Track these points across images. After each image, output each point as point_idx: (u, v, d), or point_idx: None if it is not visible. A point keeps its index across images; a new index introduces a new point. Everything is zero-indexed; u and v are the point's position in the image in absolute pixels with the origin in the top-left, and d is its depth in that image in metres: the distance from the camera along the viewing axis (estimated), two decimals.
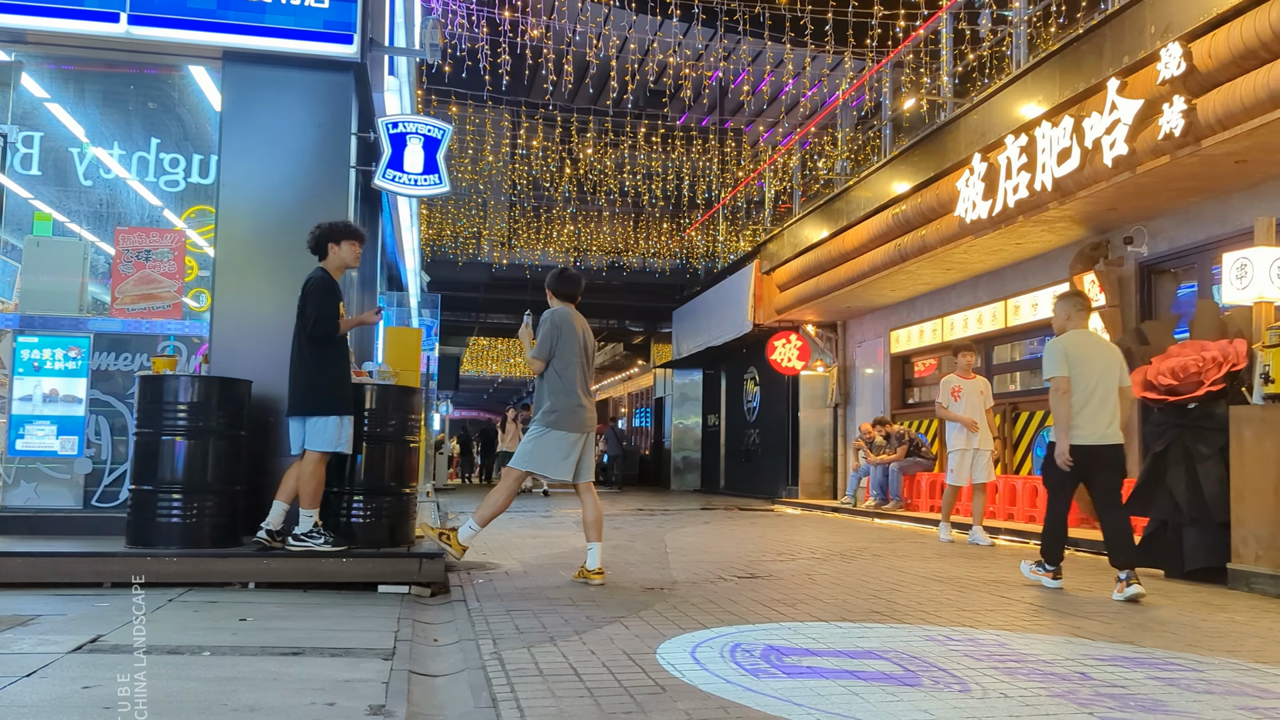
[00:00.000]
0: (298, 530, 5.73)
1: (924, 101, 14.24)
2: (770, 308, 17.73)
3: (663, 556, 8.07)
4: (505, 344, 37.90)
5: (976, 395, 9.82)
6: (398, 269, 14.95)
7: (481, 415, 56.79)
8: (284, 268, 6.43)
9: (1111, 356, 6.48)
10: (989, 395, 9.96)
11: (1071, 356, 6.34)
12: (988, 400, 9.91)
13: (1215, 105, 7.55)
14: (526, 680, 3.63)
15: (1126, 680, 3.76)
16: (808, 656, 4.10)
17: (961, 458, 9.70)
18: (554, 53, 16.63)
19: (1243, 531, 6.52)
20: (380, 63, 7.66)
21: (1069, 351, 6.36)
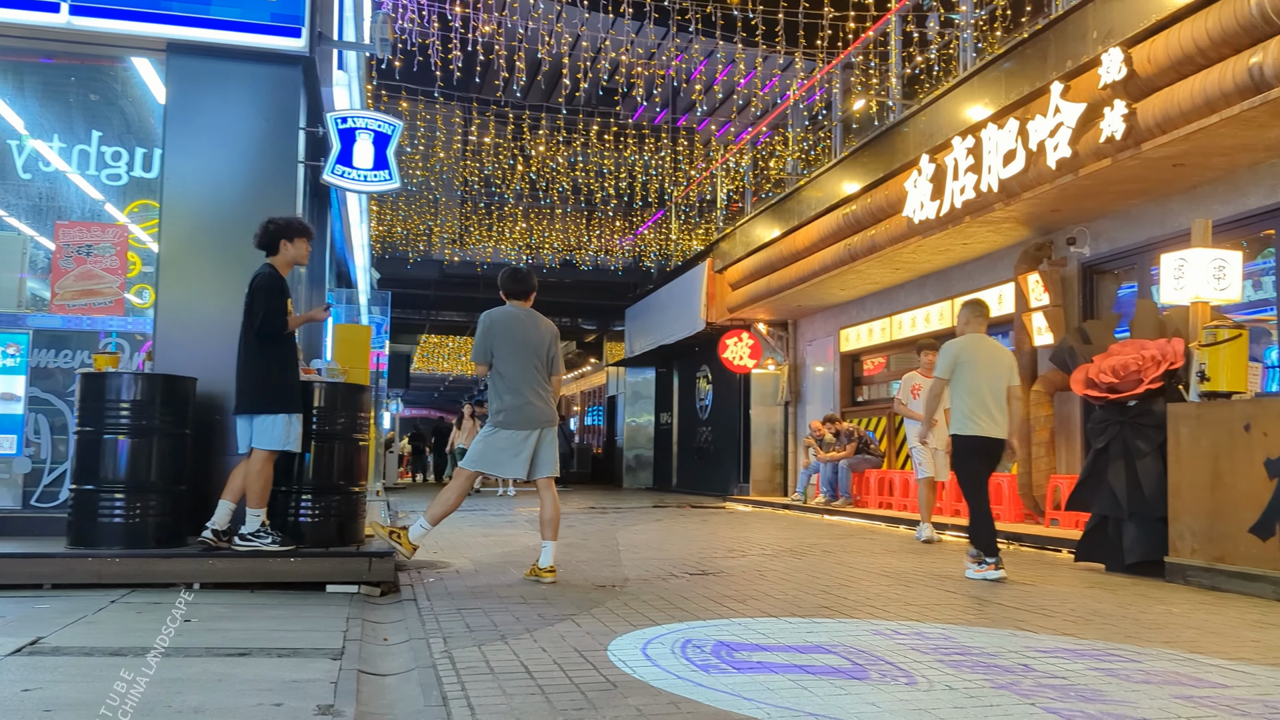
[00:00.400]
0: (244, 530, 5.66)
1: (873, 103, 14.39)
2: (722, 306, 17.82)
3: (615, 554, 8.08)
4: (456, 342, 37.69)
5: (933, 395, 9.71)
6: (347, 266, 14.80)
7: (433, 414, 56.38)
8: (230, 264, 6.33)
9: (1002, 360, 7.06)
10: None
11: (961, 359, 6.94)
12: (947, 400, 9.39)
13: (1154, 110, 7.73)
14: (477, 678, 3.63)
15: (1067, 671, 3.84)
16: (758, 651, 4.13)
17: (922, 452, 9.54)
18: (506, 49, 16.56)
19: (1179, 526, 6.69)
20: (329, 57, 7.59)
21: (959, 355, 6.95)
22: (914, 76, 13.54)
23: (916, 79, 13.58)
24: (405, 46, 15.19)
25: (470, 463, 6.37)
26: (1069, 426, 10.54)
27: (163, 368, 6.22)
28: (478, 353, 6.35)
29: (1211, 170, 8.53)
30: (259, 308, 5.70)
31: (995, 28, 11.99)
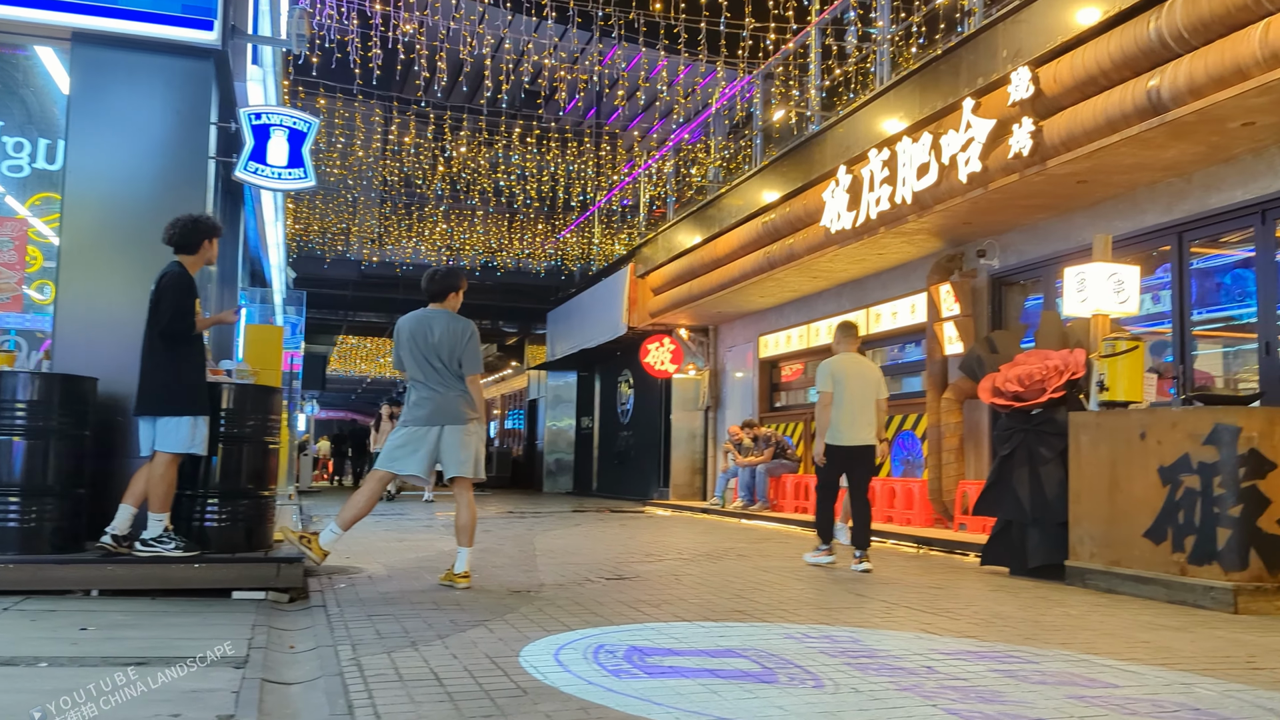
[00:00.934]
0: (146, 535, 5.50)
1: (793, 113, 14.61)
2: (644, 311, 17.89)
3: (531, 559, 8.05)
4: (375, 343, 37.15)
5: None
6: (261, 264, 14.49)
7: (349, 416, 55.43)
8: (135, 260, 6.15)
9: (870, 375, 7.94)
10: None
11: (836, 375, 7.80)
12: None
13: (1060, 128, 7.99)
14: (385, 686, 3.58)
15: (969, 673, 3.95)
16: (670, 656, 4.16)
17: None
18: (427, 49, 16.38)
19: (1079, 531, 6.91)
20: (243, 51, 7.41)
21: (834, 371, 7.82)
22: (833, 88, 13.79)
23: (835, 91, 13.83)
24: (324, 43, 14.94)
25: (379, 462, 6.32)
26: (977, 433, 10.82)
27: (62, 367, 6.01)
28: (395, 359, 6.45)
29: (1112, 188, 8.85)
30: (166, 307, 5.54)
31: (910, 44, 12.27)
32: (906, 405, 12.37)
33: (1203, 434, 6.00)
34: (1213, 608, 5.78)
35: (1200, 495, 5.99)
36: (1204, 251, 8.70)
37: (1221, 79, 6.70)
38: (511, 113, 22.71)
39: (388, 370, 39.80)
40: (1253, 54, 6.45)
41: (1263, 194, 7.83)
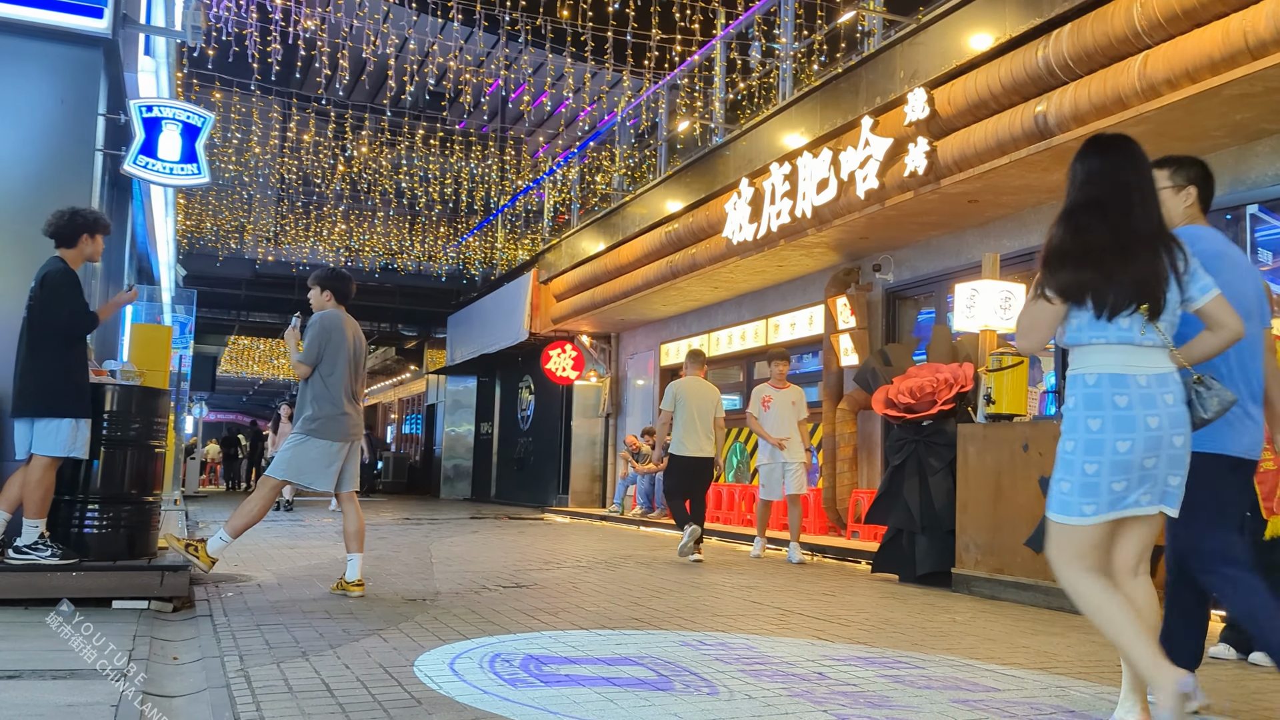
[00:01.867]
0: (20, 542, 5.25)
1: (697, 125, 14.78)
2: (547, 317, 17.85)
3: (427, 567, 7.95)
4: (268, 344, 36.19)
5: (788, 406, 9.09)
6: (149, 261, 13.99)
7: (241, 418, 53.86)
8: (13, 254, 5.90)
9: (709, 396, 9.12)
10: (802, 405, 9.23)
11: (679, 395, 9.02)
12: (800, 411, 9.18)
13: (953, 148, 8.27)
14: (274, 697, 3.49)
15: (858, 679, 4.05)
16: (566, 665, 4.16)
17: (769, 472, 9.13)
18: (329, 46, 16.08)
19: (965, 539, 7.15)
20: (135, 41, 7.17)
21: (678, 393, 9.05)
22: (736, 102, 14.00)
23: (739, 104, 14.04)
24: (220, 35, 14.53)
25: (278, 471, 6.11)
26: (870, 444, 11.09)
27: None
28: (310, 354, 6.06)
29: (1002, 207, 9.19)
30: (62, 306, 5.30)
31: (813, 61, 12.54)
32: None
33: None
34: None
35: None
36: None
37: (1103, 107, 7.02)
38: (415, 114, 22.42)
39: (281, 372, 38.83)
40: (1132, 85, 6.78)
41: None
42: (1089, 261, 3.02)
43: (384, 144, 22.60)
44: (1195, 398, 3.06)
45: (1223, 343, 3.11)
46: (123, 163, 6.74)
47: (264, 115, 21.85)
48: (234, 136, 20.60)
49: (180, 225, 19.57)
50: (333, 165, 23.63)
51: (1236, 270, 3.46)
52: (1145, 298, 2.99)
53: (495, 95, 21.60)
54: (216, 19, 14.23)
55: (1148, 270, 3.00)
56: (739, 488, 13.11)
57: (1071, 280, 3.03)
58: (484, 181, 24.24)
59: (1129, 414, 2.95)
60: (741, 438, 13.93)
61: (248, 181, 24.10)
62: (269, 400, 51.72)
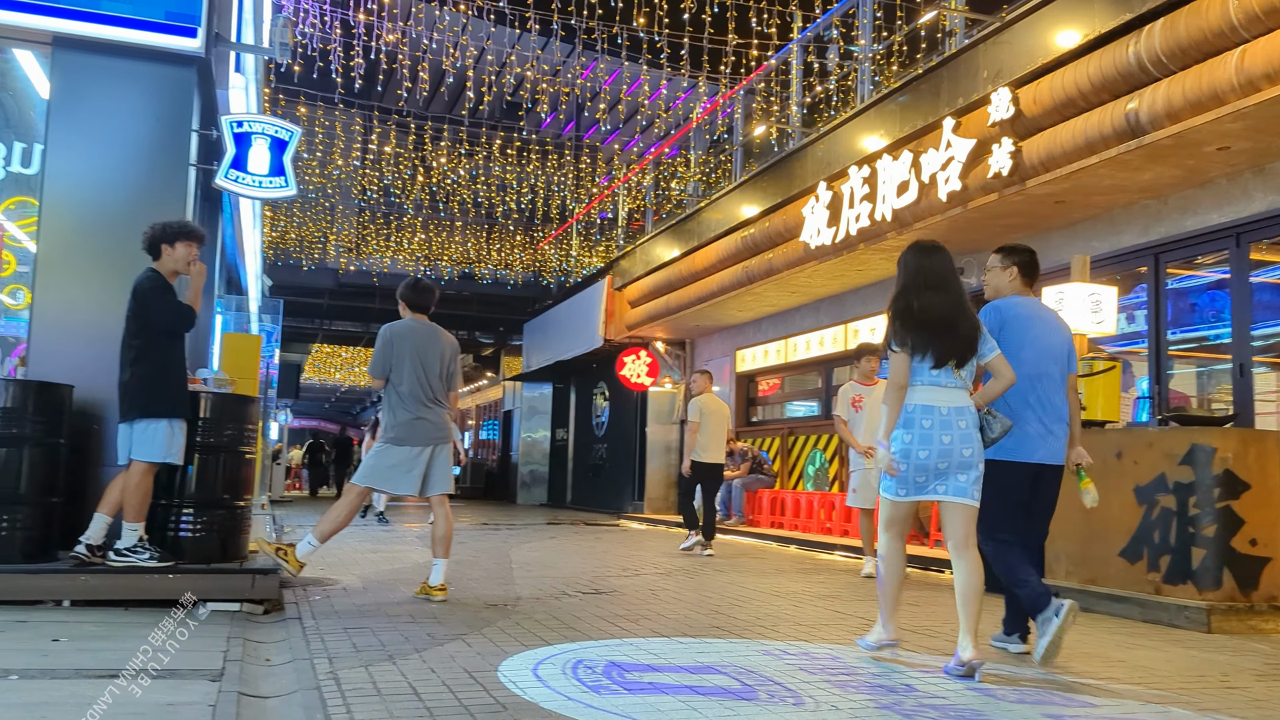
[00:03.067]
0: (120, 545, 5.42)
1: (774, 129, 14.69)
2: (621, 324, 17.89)
3: (507, 572, 8.01)
4: (350, 352, 36.95)
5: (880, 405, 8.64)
6: (238, 272, 14.39)
7: (324, 425, 55.05)
8: (113, 267, 6.09)
9: (724, 410, 10.61)
10: None
11: (703, 410, 10.31)
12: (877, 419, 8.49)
13: (1039, 149, 8.08)
14: (364, 700, 3.55)
15: (948, 692, 3.96)
16: (649, 672, 4.15)
17: (864, 477, 8.33)
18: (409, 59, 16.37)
19: (1054, 549, 6.94)
20: (226, 59, 7.38)
21: (702, 407, 10.34)
22: (814, 105, 13.89)
23: (816, 108, 13.92)
24: (306, 52, 14.89)
25: (361, 479, 6.24)
26: None
27: (37, 374, 5.93)
28: (375, 366, 6.25)
29: (1091, 208, 8.95)
30: (154, 309, 5.49)
31: (892, 62, 12.37)
32: None
33: (1179, 454, 6.06)
34: (1187, 627, 5.83)
35: (1176, 515, 6.05)
36: (1179, 272, 8.81)
37: (1198, 104, 6.79)
38: (492, 124, 22.69)
39: (362, 379, 39.57)
40: (1229, 80, 6.55)
41: (1237, 218, 7.94)
42: (925, 329, 4.38)
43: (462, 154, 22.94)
44: (985, 424, 4.46)
45: (1003, 386, 4.55)
46: (214, 177, 6.93)
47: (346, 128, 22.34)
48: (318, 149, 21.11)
49: (266, 237, 20.09)
50: (412, 176, 24.05)
51: (1046, 328, 5.00)
52: (955, 355, 4.39)
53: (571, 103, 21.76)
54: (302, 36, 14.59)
55: (964, 337, 4.41)
56: (818, 495, 12.97)
57: (915, 341, 4.38)
58: (559, 189, 24.44)
59: (930, 433, 4.34)
60: (820, 444, 13.78)
61: (331, 193, 24.66)
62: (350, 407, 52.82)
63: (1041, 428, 4.86)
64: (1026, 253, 5.15)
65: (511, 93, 22.26)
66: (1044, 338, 4.95)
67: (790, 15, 14.27)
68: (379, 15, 15.19)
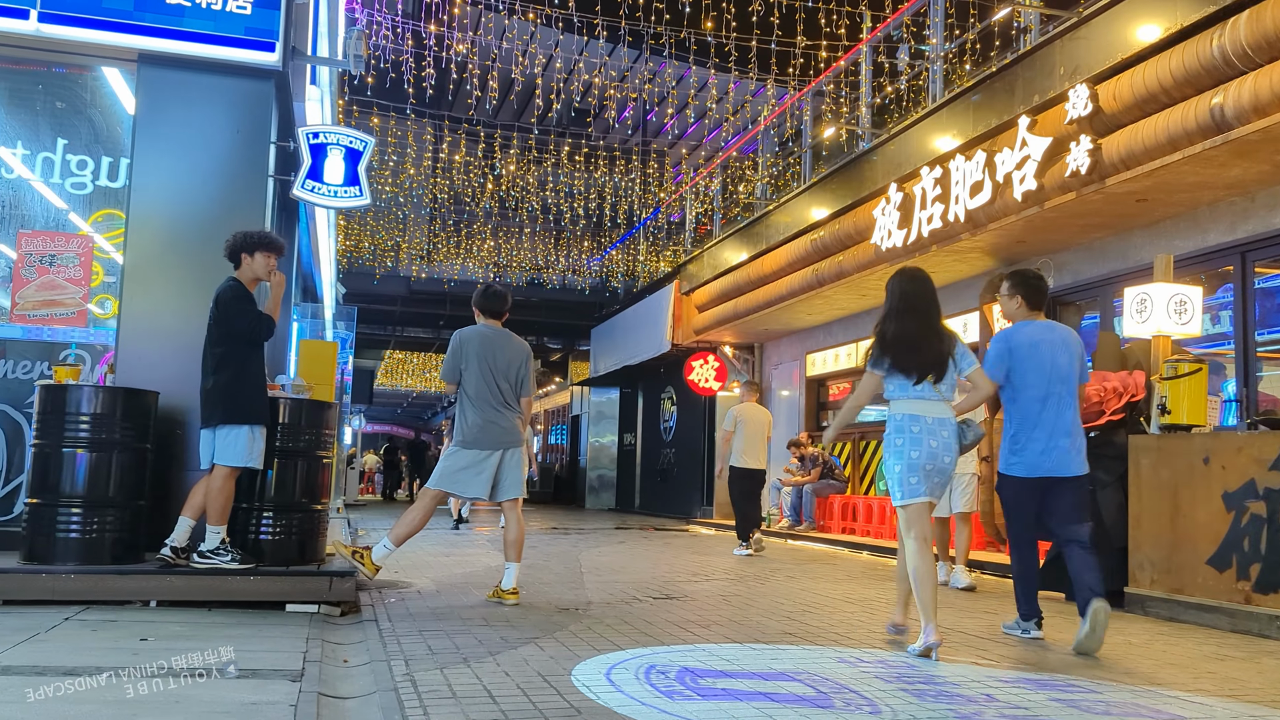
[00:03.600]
0: (203, 547, 5.57)
1: (843, 130, 14.55)
2: (689, 328, 17.86)
3: (578, 576, 8.04)
4: (421, 358, 37.46)
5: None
6: (313, 280, 14.68)
7: (396, 430, 55.92)
8: (196, 276, 6.26)
9: (762, 418, 11.04)
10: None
11: (739, 418, 10.90)
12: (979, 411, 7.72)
13: (1119, 146, 7.87)
14: (440, 702, 3.59)
15: (1029, 702, 3.87)
16: (722, 679, 4.12)
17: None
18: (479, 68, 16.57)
19: (1139, 557, 6.76)
20: (302, 71, 7.55)
21: (737, 416, 10.95)
22: (884, 106, 13.72)
23: (886, 108, 13.75)
24: (378, 63, 15.17)
25: (434, 482, 6.32)
26: None
27: (124, 381, 6.12)
28: (447, 371, 6.33)
29: (1174, 206, 8.69)
30: (234, 318, 5.64)
31: (964, 61, 12.18)
32: None
33: (1269, 459, 5.85)
34: (1279, 638, 5.62)
35: (1266, 522, 5.84)
36: (1268, 271, 8.50)
37: None
38: (560, 130, 22.86)
39: (433, 385, 40.12)
40: None
41: None
42: (901, 349, 4.94)
43: (531, 161, 23.14)
44: (960, 432, 4.99)
45: (981, 396, 5.25)
46: (291, 187, 7.08)
47: (417, 137, 22.70)
48: (390, 159, 21.47)
49: (340, 245, 20.50)
50: (482, 184, 24.33)
51: (1053, 348, 5.39)
52: (930, 371, 4.94)
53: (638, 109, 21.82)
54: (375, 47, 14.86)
55: (935, 355, 4.95)
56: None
57: (894, 360, 4.95)
58: (627, 195, 24.51)
59: (919, 437, 4.89)
60: None
61: (402, 202, 25.06)
62: (422, 412, 53.57)
63: (1044, 445, 5.35)
64: (1032, 280, 5.59)
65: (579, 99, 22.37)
66: (1050, 359, 5.37)
67: (860, 15, 14.12)
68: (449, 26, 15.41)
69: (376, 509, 21.40)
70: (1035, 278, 5.57)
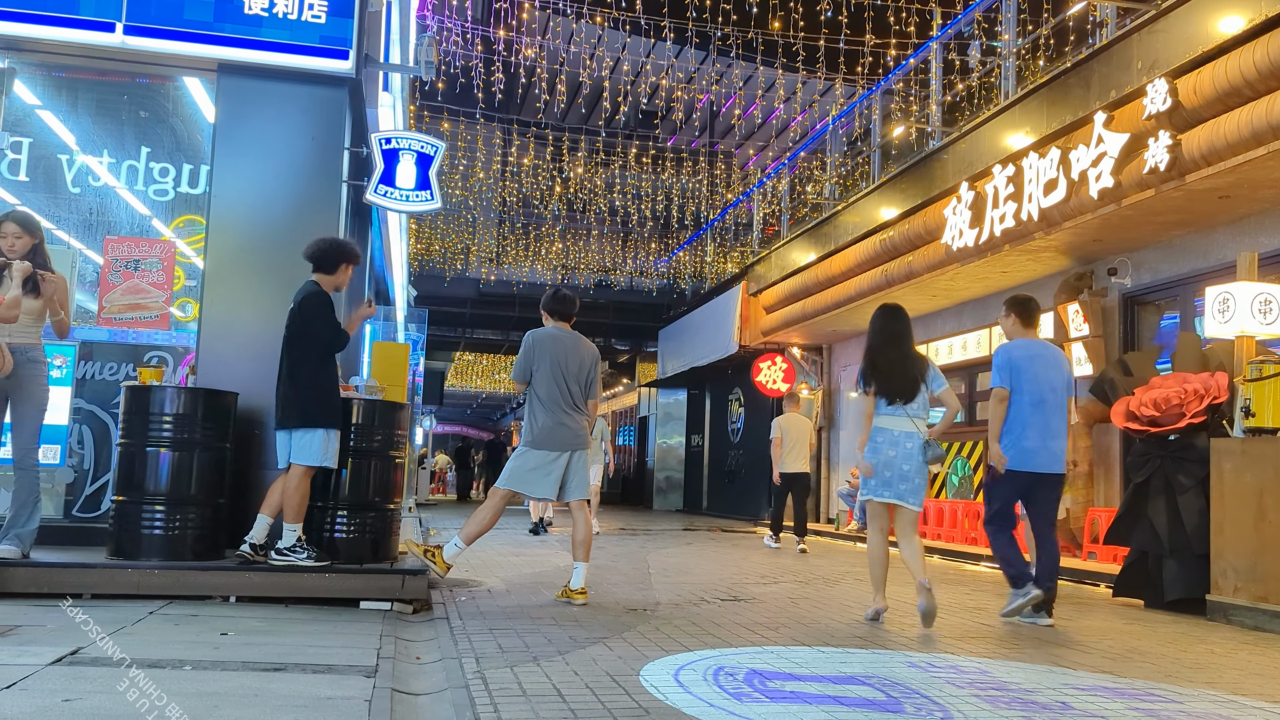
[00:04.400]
0: (281, 544, 5.70)
1: (913, 129, 14.36)
2: (756, 329, 17.79)
3: (645, 577, 8.06)
4: (490, 359, 37.85)
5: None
6: (385, 283, 14.94)
7: (465, 430, 56.57)
8: (273, 280, 6.42)
9: (805, 426, 12.07)
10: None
11: (783, 427, 11.91)
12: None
13: (1200, 141, 7.65)
14: (510, 700, 3.63)
15: (1107, 710, 3.78)
16: (791, 681, 4.10)
17: None
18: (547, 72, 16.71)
19: (1222, 564, 6.57)
20: (375, 78, 7.69)
21: (782, 424, 11.97)
22: (954, 103, 13.51)
23: (957, 106, 13.54)
24: (448, 69, 15.37)
25: (503, 481, 6.38)
26: (1108, 459, 10.41)
27: (205, 382, 6.30)
28: (518, 371, 6.39)
29: (1258, 203, 8.43)
30: (322, 325, 5.78)
31: (1038, 56, 11.94)
32: None
33: None
34: None
35: None
36: None
37: None
38: (627, 132, 22.94)
39: (502, 386, 40.51)
40: None
41: None
42: (882, 376, 5.94)
43: (598, 163, 23.26)
44: (924, 449, 5.87)
45: (952, 414, 6.15)
46: (365, 192, 7.22)
47: (487, 141, 22.96)
48: (460, 163, 21.75)
49: (411, 249, 20.82)
50: (550, 186, 24.53)
51: (1045, 364, 6.22)
52: (900, 395, 5.90)
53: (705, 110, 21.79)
54: (445, 53, 15.07)
55: (908, 382, 5.91)
56: (961, 504, 12.59)
57: (876, 385, 5.96)
58: (694, 196, 24.49)
59: (880, 446, 5.92)
60: (964, 452, 13.38)
61: (472, 205, 25.37)
62: (491, 413, 54.11)
63: (1038, 443, 6.11)
64: (1023, 302, 6.46)
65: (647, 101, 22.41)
66: (1043, 373, 6.20)
67: (929, 13, 13.93)
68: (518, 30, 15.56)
69: (447, 509, 21.68)
70: (1027, 300, 6.47)
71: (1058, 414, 6.18)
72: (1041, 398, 6.14)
